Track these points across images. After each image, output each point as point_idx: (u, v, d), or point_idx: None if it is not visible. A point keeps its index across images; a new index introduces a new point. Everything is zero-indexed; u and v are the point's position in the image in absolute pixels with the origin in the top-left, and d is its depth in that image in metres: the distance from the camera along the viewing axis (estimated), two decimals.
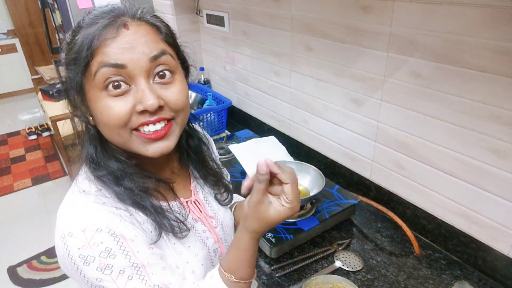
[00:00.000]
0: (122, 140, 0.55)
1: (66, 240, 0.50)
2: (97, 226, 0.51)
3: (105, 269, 0.50)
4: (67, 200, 0.57)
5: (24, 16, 4.76)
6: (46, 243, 2.40)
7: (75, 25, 0.55)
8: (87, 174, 0.58)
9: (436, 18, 0.88)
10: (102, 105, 0.52)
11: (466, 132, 0.91)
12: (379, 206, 1.18)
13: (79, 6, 1.91)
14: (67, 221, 0.52)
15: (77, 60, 0.51)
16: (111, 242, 0.51)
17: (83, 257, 0.49)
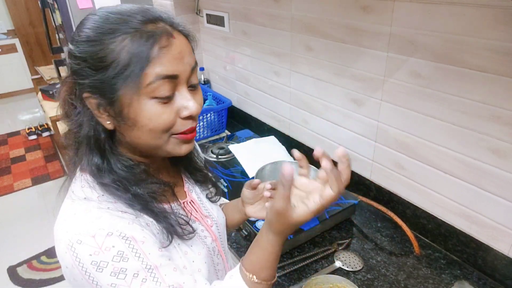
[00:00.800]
0: (160, 142, 0.56)
1: (75, 249, 0.49)
2: (106, 230, 0.50)
3: (119, 273, 0.49)
4: (66, 210, 0.55)
5: (24, 16, 4.76)
6: (46, 243, 2.40)
7: (103, 24, 0.51)
8: (87, 181, 0.56)
9: (436, 18, 0.88)
10: (151, 112, 0.52)
11: (466, 132, 0.91)
12: (379, 206, 1.18)
13: (79, 6, 1.91)
14: (73, 229, 0.50)
15: (130, 71, 0.50)
16: (123, 245, 0.50)
17: (95, 263, 0.48)
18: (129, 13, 0.52)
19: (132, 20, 0.51)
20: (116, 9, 0.53)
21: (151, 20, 0.52)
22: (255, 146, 1.54)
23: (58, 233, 0.52)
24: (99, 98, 0.53)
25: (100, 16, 0.52)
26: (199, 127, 1.76)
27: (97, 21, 0.52)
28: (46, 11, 2.39)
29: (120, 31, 0.50)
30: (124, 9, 0.53)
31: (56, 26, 2.29)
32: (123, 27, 0.50)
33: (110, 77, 0.50)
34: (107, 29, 0.50)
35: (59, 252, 0.51)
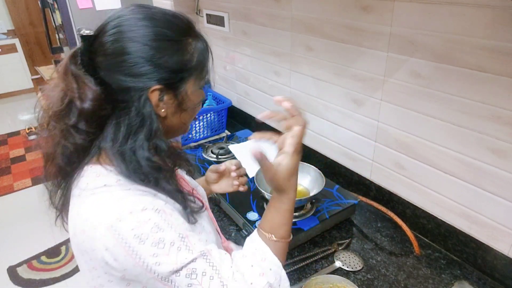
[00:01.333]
0: (188, 125, 0.69)
1: (117, 227, 0.52)
2: (140, 206, 0.54)
3: (158, 243, 0.52)
4: (90, 201, 0.56)
5: (24, 16, 4.76)
6: (46, 243, 2.40)
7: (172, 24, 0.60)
8: (101, 172, 0.59)
9: (436, 18, 0.88)
10: (200, 101, 0.66)
11: (466, 132, 0.91)
12: (379, 206, 1.18)
13: (79, 6, 1.91)
14: (108, 212, 0.53)
15: (200, 69, 0.63)
16: (157, 217, 0.54)
17: (137, 236, 0.52)
18: (181, 17, 0.63)
19: (191, 26, 0.64)
20: (168, 11, 0.62)
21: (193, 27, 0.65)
22: (255, 146, 1.54)
23: (91, 222, 0.54)
24: (165, 90, 0.59)
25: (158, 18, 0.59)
26: (199, 127, 1.76)
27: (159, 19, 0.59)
28: (46, 11, 2.39)
29: (189, 34, 0.62)
30: (175, 13, 0.63)
31: (56, 26, 2.29)
32: (191, 30, 0.63)
33: (186, 72, 0.60)
34: (180, 28, 0.61)
35: (96, 237, 0.53)
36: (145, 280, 0.55)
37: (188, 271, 0.53)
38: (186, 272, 0.53)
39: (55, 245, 2.40)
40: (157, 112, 0.59)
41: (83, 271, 0.62)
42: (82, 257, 0.59)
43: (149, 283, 0.55)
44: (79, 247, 0.57)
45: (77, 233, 0.56)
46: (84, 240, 0.55)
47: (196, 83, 0.63)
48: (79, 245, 0.57)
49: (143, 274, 0.53)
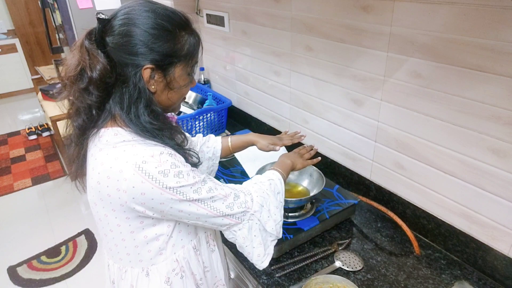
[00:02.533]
0: (177, 104, 0.81)
1: (144, 167, 0.66)
2: (158, 151, 0.68)
3: (179, 174, 0.69)
4: (113, 153, 0.68)
5: (24, 16, 4.76)
6: (46, 243, 2.40)
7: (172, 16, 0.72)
8: (118, 131, 0.71)
9: (436, 18, 0.88)
10: (187, 85, 0.78)
11: (466, 132, 0.91)
12: (379, 206, 1.18)
13: (79, 6, 1.91)
14: (134, 156, 0.67)
15: (189, 58, 0.74)
16: (172, 159, 0.69)
17: (161, 172, 0.67)
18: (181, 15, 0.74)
19: (188, 22, 0.74)
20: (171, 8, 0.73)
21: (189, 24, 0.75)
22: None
23: (118, 165, 0.67)
24: (156, 70, 0.71)
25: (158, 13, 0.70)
26: (199, 127, 1.77)
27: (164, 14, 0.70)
28: (46, 11, 2.39)
29: (185, 28, 0.73)
30: (176, 10, 0.73)
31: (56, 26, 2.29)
32: (187, 25, 0.74)
33: (175, 58, 0.72)
34: (179, 21, 0.72)
35: (125, 178, 0.66)
36: (169, 205, 0.69)
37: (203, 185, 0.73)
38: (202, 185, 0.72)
39: (55, 245, 2.40)
40: (148, 87, 0.71)
41: (98, 219, 0.76)
42: (102, 203, 0.72)
43: (173, 209, 0.70)
44: (101, 193, 0.70)
45: (102, 180, 0.69)
46: (108, 185, 0.68)
47: (184, 69, 0.74)
48: (101, 192, 0.70)
49: (168, 199, 0.68)
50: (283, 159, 1.01)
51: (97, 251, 2.32)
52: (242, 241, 0.80)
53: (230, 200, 0.76)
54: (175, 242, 0.79)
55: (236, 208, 0.76)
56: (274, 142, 1.12)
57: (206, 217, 0.74)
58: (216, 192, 0.74)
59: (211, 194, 0.73)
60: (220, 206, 0.74)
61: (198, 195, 0.71)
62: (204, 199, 0.72)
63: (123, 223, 0.72)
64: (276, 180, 0.89)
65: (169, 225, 0.76)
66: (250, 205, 0.79)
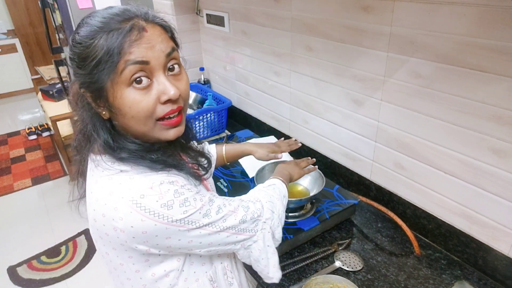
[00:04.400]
0: (146, 129, 0.62)
1: (142, 203, 0.58)
2: (157, 182, 0.60)
3: (184, 202, 0.60)
4: (111, 184, 0.61)
5: (24, 16, 4.76)
6: (46, 243, 2.40)
7: (88, 29, 0.58)
8: (112, 161, 0.63)
9: (437, 18, 0.88)
10: (130, 100, 0.58)
11: (467, 132, 0.91)
12: (379, 206, 1.18)
13: (79, 6, 1.91)
14: (129, 191, 0.58)
15: (105, 62, 0.56)
16: (174, 187, 0.61)
17: (164, 205, 0.58)
18: (112, 15, 0.58)
19: (111, 21, 0.57)
20: (103, 12, 0.59)
21: (127, 19, 0.58)
22: None
23: (113, 202, 0.59)
24: (90, 92, 0.60)
25: (87, 22, 0.59)
26: (199, 127, 1.76)
27: (85, 25, 0.58)
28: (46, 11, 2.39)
29: (99, 32, 0.56)
30: (109, 12, 0.59)
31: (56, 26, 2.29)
32: (103, 28, 0.57)
33: (91, 71, 0.57)
34: (89, 32, 0.57)
35: (121, 217, 0.58)
36: (176, 239, 0.61)
37: (211, 206, 0.65)
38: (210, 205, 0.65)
39: (55, 245, 2.40)
40: (100, 113, 0.62)
41: (101, 255, 0.69)
42: (101, 241, 0.64)
43: (181, 242, 0.62)
44: (99, 231, 0.62)
45: (97, 217, 0.61)
46: (104, 224, 0.60)
47: (113, 80, 0.57)
48: (99, 230, 0.62)
49: (175, 232, 0.60)
50: (281, 169, 0.97)
51: (97, 251, 2.32)
52: (258, 254, 0.73)
53: (241, 213, 0.70)
54: (187, 276, 0.71)
55: (249, 219, 0.71)
56: (273, 150, 1.10)
57: (220, 240, 0.66)
58: (226, 210, 0.67)
59: (221, 214, 0.66)
60: (233, 222, 0.67)
61: (209, 218, 0.63)
62: (215, 222, 0.65)
63: (126, 262, 0.65)
64: (279, 185, 0.86)
65: (178, 259, 0.68)
66: (261, 212, 0.74)
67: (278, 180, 0.88)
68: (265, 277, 0.77)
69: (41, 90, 3.37)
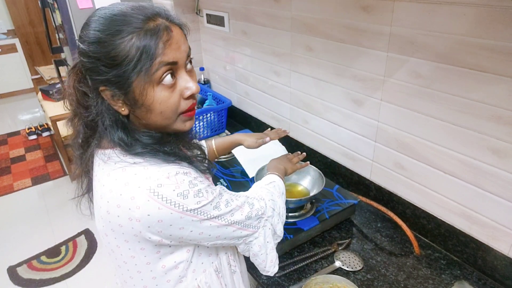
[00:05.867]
0: (170, 122, 0.66)
1: (159, 191, 0.60)
2: (172, 172, 0.62)
3: (198, 193, 0.63)
4: (124, 175, 0.63)
5: (24, 16, 4.76)
6: (46, 243, 2.40)
7: (108, 26, 0.58)
8: (124, 154, 0.65)
9: (436, 18, 0.88)
10: (161, 97, 0.62)
11: (466, 132, 0.91)
12: (379, 206, 1.18)
13: (79, 6, 1.91)
14: (146, 180, 0.61)
15: (141, 63, 0.58)
16: (189, 177, 0.63)
17: (180, 194, 0.61)
18: (131, 14, 0.59)
19: (134, 20, 0.58)
20: (118, 9, 0.60)
21: (150, 18, 0.59)
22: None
23: (130, 192, 0.60)
24: (114, 90, 0.61)
25: (105, 18, 0.59)
26: (199, 127, 1.76)
27: (103, 23, 0.59)
28: (46, 11, 2.39)
29: (126, 31, 0.58)
30: (125, 9, 0.60)
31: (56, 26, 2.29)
32: (129, 27, 0.58)
33: (124, 72, 0.59)
34: (115, 31, 0.58)
35: (138, 206, 0.60)
36: (189, 229, 0.64)
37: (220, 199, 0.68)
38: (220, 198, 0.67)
39: (55, 245, 2.40)
40: (118, 110, 0.64)
41: (111, 250, 0.70)
42: (113, 233, 0.65)
43: (193, 233, 0.64)
44: (112, 223, 0.64)
45: (111, 209, 0.63)
46: (119, 214, 0.62)
47: (144, 79, 0.59)
48: (112, 222, 0.64)
49: (188, 222, 0.63)
50: (275, 164, 0.99)
51: (97, 251, 2.32)
52: (258, 250, 0.76)
53: (247, 209, 0.72)
54: (196, 267, 0.74)
55: (254, 216, 0.73)
56: (261, 137, 1.13)
57: (227, 233, 0.69)
58: (233, 204, 0.70)
59: (229, 208, 0.68)
60: (239, 217, 0.70)
61: (218, 211, 0.66)
62: (224, 215, 0.67)
63: (137, 254, 0.67)
64: (278, 182, 0.89)
65: (188, 250, 0.71)
66: (265, 210, 0.76)
67: (277, 177, 0.91)
68: (262, 269, 0.80)
69: (41, 90, 3.37)
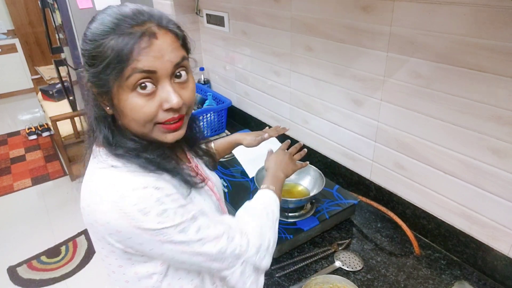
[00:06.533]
0: (146, 131, 0.63)
1: (120, 203, 0.56)
2: (142, 184, 0.58)
3: (162, 213, 0.57)
4: (99, 176, 0.61)
5: (24, 16, 4.76)
6: (46, 243, 2.40)
7: (100, 27, 0.58)
8: (108, 154, 0.63)
9: (436, 18, 0.88)
10: (132, 104, 0.59)
11: (466, 132, 0.91)
12: (379, 206, 1.18)
13: (79, 6, 1.91)
14: (113, 189, 0.58)
15: (113, 66, 0.56)
16: (158, 194, 0.58)
17: (141, 210, 0.56)
18: (123, 17, 0.58)
19: (123, 24, 0.57)
20: (117, 11, 0.59)
21: (139, 23, 0.57)
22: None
23: (96, 197, 0.59)
24: (96, 88, 0.60)
25: (100, 18, 0.59)
26: None
27: (97, 23, 0.59)
28: (46, 11, 2.39)
29: (110, 33, 0.57)
30: (122, 12, 0.59)
31: (56, 26, 2.29)
32: (115, 30, 0.57)
33: (99, 71, 0.58)
34: (101, 31, 0.57)
35: (100, 211, 0.58)
36: (149, 247, 0.59)
37: (192, 223, 0.61)
38: (191, 223, 0.61)
39: (55, 245, 2.39)
40: (104, 108, 0.63)
41: (93, 243, 0.69)
42: (90, 230, 0.65)
43: (153, 251, 0.60)
44: (87, 219, 0.63)
45: (85, 206, 0.62)
46: (89, 213, 0.61)
47: (118, 83, 0.58)
48: (86, 218, 0.63)
49: (147, 241, 0.58)
50: (274, 171, 0.92)
51: (97, 251, 2.32)
52: (234, 283, 0.68)
53: (223, 242, 0.64)
54: (171, 281, 0.67)
55: (229, 253, 0.64)
56: (260, 134, 1.11)
57: (193, 262, 0.62)
58: (207, 232, 0.62)
59: (200, 236, 0.61)
60: (210, 250, 0.62)
61: (184, 236, 0.59)
62: (191, 242, 0.60)
63: (110, 255, 0.64)
64: (273, 205, 0.80)
65: (162, 264, 0.65)
66: (246, 248, 0.67)
67: (272, 196, 0.82)
68: None
69: (41, 90, 3.37)
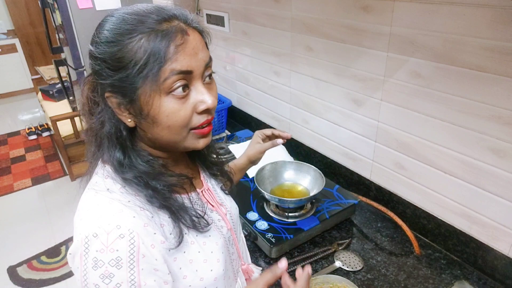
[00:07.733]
0: (179, 138, 0.58)
1: (89, 240, 0.51)
2: (120, 231, 0.51)
3: (106, 277, 0.50)
4: (90, 200, 0.56)
5: (24, 16, 4.76)
6: (46, 243, 2.40)
7: (119, 26, 0.53)
8: (109, 173, 0.58)
9: (436, 18, 0.88)
10: (169, 109, 0.54)
11: (466, 132, 0.91)
12: (379, 206, 1.18)
13: (79, 6, 1.91)
14: (93, 222, 0.52)
15: (148, 68, 0.51)
16: (125, 252, 0.51)
17: (96, 260, 0.50)
18: (145, 13, 0.53)
19: (148, 20, 0.52)
20: (133, 9, 0.54)
21: (166, 19, 0.53)
22: None
23: (78, 224, 0.54)
24: (120, 97, 0.54)
25: (117, 17, 0.54)
26: None
27: (114, 23, 0.53)
28: (46, 11, 2.39)
29: (136, 31, 0.51)
30: (140, 9, 0.54)
31: (56, 26, 2.29)
32: (140, 27, 0.52)
33: (129, 76, 0.52)
34: (124, 30, 0.52)
35: (75, 239, 0.53)
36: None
37: None
38: None
39: (55, 245, 2.40)
40: (124, 121, 0.57)
41: None
42: None
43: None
44: None
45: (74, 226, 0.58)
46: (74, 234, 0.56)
47: (152, 88, 0.52)
48: None
49: (78, 278, 0.52)
50: None
51: None
52: None
53: None
54: None
55: None
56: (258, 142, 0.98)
57: None
58: None
59: None
60: None
61: None
62: None
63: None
64: None
65: None
66: None
67: None
68: None
69: (41, 90, 3.37)
